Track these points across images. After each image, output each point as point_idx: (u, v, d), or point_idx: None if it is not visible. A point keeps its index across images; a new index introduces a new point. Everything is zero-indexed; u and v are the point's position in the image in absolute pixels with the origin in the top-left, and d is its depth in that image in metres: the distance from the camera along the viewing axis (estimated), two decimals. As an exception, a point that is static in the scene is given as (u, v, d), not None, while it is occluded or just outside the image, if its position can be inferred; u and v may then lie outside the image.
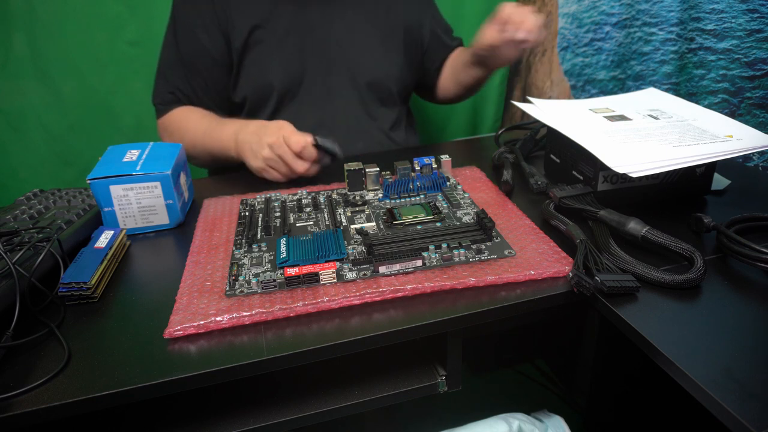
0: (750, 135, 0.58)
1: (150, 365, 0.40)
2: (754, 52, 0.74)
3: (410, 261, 0.49)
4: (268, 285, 0.47)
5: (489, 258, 0.50)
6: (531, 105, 0.73)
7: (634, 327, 0.40)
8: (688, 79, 0.86)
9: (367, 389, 0.47)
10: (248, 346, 0.41)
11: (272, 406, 0.46)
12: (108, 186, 0.59)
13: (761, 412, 0.32)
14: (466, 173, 0.72)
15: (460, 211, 0.59)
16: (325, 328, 0.43)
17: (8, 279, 0.45)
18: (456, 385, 0.49)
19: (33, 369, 0.40)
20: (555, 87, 1.25)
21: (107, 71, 1.12)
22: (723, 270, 0.47)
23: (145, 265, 0.56)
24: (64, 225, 0.56)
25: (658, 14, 0.91)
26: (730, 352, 0.37)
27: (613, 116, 0.66)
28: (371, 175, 0.66)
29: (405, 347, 0.50)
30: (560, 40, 1.21)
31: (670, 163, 0.53)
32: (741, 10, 0.75)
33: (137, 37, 1.11)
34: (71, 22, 1.07)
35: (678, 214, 0.57)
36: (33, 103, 1.10)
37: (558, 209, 0.57)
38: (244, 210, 0.63)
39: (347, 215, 0.60)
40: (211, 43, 0.85)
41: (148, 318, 0.46)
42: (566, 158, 0.66)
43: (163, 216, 0.62)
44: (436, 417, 0.57)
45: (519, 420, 0.50)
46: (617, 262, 0.47)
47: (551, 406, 0.55)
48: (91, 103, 1.13)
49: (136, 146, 0.66)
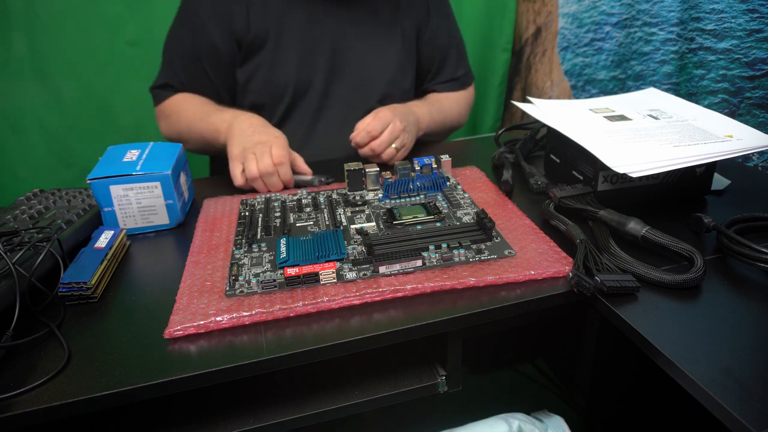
0: (750, 135, 0.58)
1: (150, 365, 0.40)
2: (754, 52, 0.74)
3: (410, 261, 0.49)
4: (268, 285, 0.47)
5: (489, 258, 0.50)
6: (531, 105, 0.73)
7: (634, 327, 0.40)
8: (688, 79, 0.86)
9: (367, 389, 0.47)
10: (248, 346, 0.41)
11: (272, 406, 0.46)
12: (108, 186, 0.59)
13: (761, 412, 0.32)
14: (466, 173, 0.72)
15: (460, 211, 0.59)
16: (325, 328, 0.43)
17: (8, 279, 0.45)
18: (456, 385, 0.49)
19: (33, 369, 0.40)
20: (555, 87, 1.25)
21: (107, 71, 1.12)
22: (723, 270, 0.47)
23: (145, 265, 0.56)
24: (64, 225, 0.56)
25: (658, 14, 0.91)
26: (730, 351, 0.37)
27: (613, 116, 0.66)
28: (371, 175, 0.66)
29: (405, 347, 0.50)
30: (560, 40, 1.21)
31: (670, 163, 0.53)
32: (741, 10, 0.75)
33: (137, 37, 1.11)
34: (71, 22, 1.07)
35: (678, 214, 0.57)
36: (32, 104, 1.10)
37: (558, 209, 0.57)
38: (244, 210, 0.63)
39: (347, 215, 0.60)
40: (222, 40, 0.84)
41: (148, 318, 0.46)
42: (566, 158, 0.66)
43: (163, 216, 0.62)
44: (436, 417, 0.57)
45: (519, 420, 0.50)
46: (617, 262, 0.47)
47: (551, 406, 0.55)
48: (90, 104, 1.13)
49: (136, 146, 0.66)
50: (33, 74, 1.08)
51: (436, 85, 0.98)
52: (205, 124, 0.80)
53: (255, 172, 0.68)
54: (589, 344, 0.60)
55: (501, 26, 1.35)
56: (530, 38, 1.33)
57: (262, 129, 0.73)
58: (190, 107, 0.85)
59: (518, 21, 1.36)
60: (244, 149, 0.70)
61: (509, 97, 1.44)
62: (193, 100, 0.86)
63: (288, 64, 0.85)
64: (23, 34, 1.05)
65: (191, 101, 0.86)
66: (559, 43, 1.22)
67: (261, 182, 0.69)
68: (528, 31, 1.33)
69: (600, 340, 0.59)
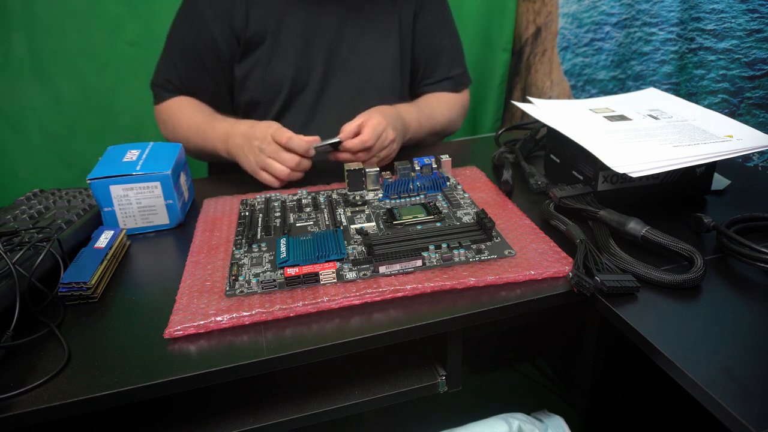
0: (750, 135, 0.58)
1: (150, 365, 0.40)
2: (754, 52, 0.74)
3: (410, 261, 0.49)
4: (268, 285, 0.47)
5: (489, 258, 0.50)
6: (531, 105, 0.73)
7: (634, 327, 0.40)
8: (688, 79, 0.86)
9: (367, 389, 0.47)
10: (248, 346, 0.41)
11: (272, 406, 0.46)
12: (108, 186, 0.59)
13: (761, 412, 0.32)
14: (466, 173, 0.72)
15: (460, 211, 0.59)
16: (325, 328, 0.43)
17: (8, 279, 0.45)
18: (456, 385, 0.49)
19: (33, 369, 0.40)
20: (555, 87, 1.25)
21: (107, 71, 1.12)
22: (723, 270, 0.47)
23: (145, 265, 0.56)
24: (64, 225, 0.56)
25: (658, 14, 0.91)
26: (729, 351, 0.37)
27: (613, 116, 0.66)
28: (371, 175, 0.66)
29: (405, 347, 0.50)
30: (560, 40, 1.21)
31: (670, 163, 0.53)
32: (741, 10, 0.75)
33: (137, 37, 1.11)
34: (71, 22, 1.07)
35: (678, 214, 0.57)
36: (32, 104, 1.10)
37: (558, 209, 0.57)
38: (244, 210, 0.63)
39: (347, 215, 0.60)
40: (222, 37, 0.83)
41: (148, 318, 0.46)
42: (566, 158, 0.66)
43: (163, 216, 0.62)
44: (436, 417, 0.57)
45: (519, 420, 0.50)
46: (617, 262, 0.47)
47: (551, 406, 0.55)
48: (90, 104, 1.13)
49: (136, 146, 0.66)
50: (33, 74, 1.08)
51: (429, 85, 0.97)
52: (201, 139, 0.82)
53: (284, 171, 0.70)
54: (589, 344, 0.60)
55: (501, 26, 1.35)
56: (530, 38, 1.33)
57: (252, 131, 0.73)
58: (184, 119, 0.85)
59: (518, 21, 1.36)
60: (256, 161, 0.71)
61: (509, 97, 1.44)
62: (187, 108, 0.86)
63: (285, 62, 0.85)
64: (23, 34, 1.05)
65: (186, 110, 0.86)
66: (559, 43, 1.22)
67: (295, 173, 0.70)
68: (528, 31, 1.33)
69: (600, 340, 0.59)
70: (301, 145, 0.69)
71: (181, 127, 0.85)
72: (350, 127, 0.71)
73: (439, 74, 0.97)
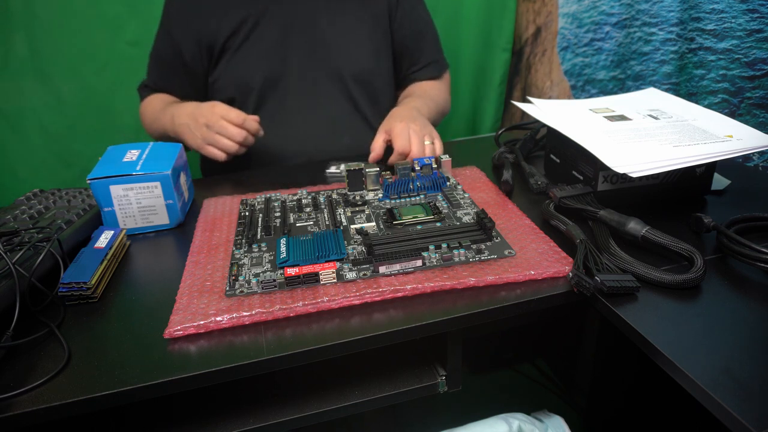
0: (750, 135, 0.58)
1: (150, 365, 0.40)
2: (754, 52, 0.74)
3: (410, 261, 0.49)
4: (268, 285, 0.47)
5: (489, 258, 0.50)
6: (531, 105, 0.73)
7: (634, 327, 0.40)
8: (688, 79, 0.86)
9: (367, 389, 0.47)
10: (248, 346, 0.41)
11: (272, 406, 0.46)
12: (108, 186, 0.59)
13: (761, 412, 0.32)
14: (466, 173, 0.72)
15: (460, 211, 0.59)
16: (325, 328, 0.43)
17: (8, 279, 0.45)
18: (456, 385, 0.49)
19: (33, 369, 0.40)
20: (555, 87, 1.25)
21: (107, 71, 1.12)
22: (723, 270, 0.47)
23: (145, 265, 0.56)
24: (64, 225, 0.56)
25: (658, 14, 0.91)
26: (729, 351, 0.37)
27: (613, 116, 0.66)
28: (371, 175, 0.66)
29: (405, 347, 0.50)
30: (560, 40, 1.21)
31: (670, 163, 0.53)
32: (741, 10, 0.75)
33: (137, 37, 1.11)
34: (71, 22, 1.07)
35: (678, 214, 0.57)
36: (32, 104, 1.10)
37: (558, 209, 0.57)
38: (244, 210, 0.63)
39: (347, 215, 0.60)
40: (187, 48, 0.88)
41: (148, 318, 0.46)
42: (566, 158, 0.66)
43: (163, 216, 0.62)
44: (436, 417, 0.57)
45: (519, 420, 0.50)
46: (617, 262, 0.47)
47: (551, 406, 0.55)
48: (90, 104, 1.13)
49: (136, 146, 0.66)
50: (33, 74, 1.08)
51: (416, 72, 1.00)
52: (159, 121, 0.87)
53: (233, 146, 0.75)
54: (589, 344, 0.60)
55: (501, 26, 1.35)
56: (530, 38, 1.33)
57: (198, 110, 0.77)
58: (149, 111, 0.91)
59: (518, 21, 1.36)
60: (202, 137, 0.76)
61: (509, 97, 1.43)
62: (155, 101, 0.92)
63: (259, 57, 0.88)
64: (23, 34, 1.05)
65: (153, 102, 0.92)
66: (559, 43, 1.22)
67: (242, 147, 0.76)
68: (528, 31, 1.33)
69: (600, 340, 0.59)
70: (253, 125, 0.75)
71: (147, 118, 0.91)
72: (377, 144, 0.75)
73: (424, 59, 1.00)
